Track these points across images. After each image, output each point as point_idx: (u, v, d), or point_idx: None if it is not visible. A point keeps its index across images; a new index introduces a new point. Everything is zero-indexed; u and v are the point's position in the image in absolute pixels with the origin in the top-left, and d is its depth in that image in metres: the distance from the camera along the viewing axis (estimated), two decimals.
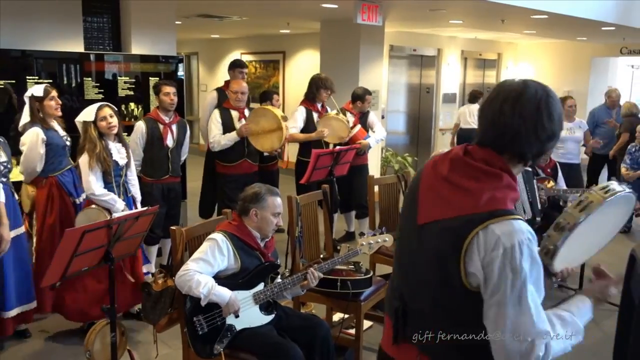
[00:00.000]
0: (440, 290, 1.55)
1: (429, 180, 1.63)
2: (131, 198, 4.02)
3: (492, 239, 1.44)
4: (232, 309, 2.73)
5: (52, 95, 3.94)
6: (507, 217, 1.46)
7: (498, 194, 1.49)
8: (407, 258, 1.67)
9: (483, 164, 1.53)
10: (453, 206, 1.52)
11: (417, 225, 1.60)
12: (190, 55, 12.81)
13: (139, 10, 5.46)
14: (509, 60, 11.84)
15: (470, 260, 1.47)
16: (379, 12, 6.14)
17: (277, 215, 2.96)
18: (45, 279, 2.56)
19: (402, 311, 1.65)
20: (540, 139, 1.51)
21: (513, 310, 1.43)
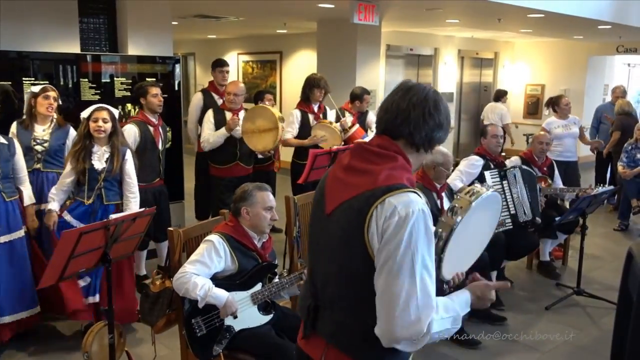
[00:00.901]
0: (348, 271, 1.62)
1: (333, 174, 1.75)
2: (112, 207, 3.82)
3: (388, 208, 1.54)
4: (229, 311, 2.73)
5: (46, 94, 3.93)
6: (404, 190, 1.57)
7: (395, 172, 1.61)
8: (317, 249, 1.76)
9: (378, 148, 1.67)
10: (354, 187, 1.63)
11: (325, 216, 1.70)
12: (187, 56, 12.80)
13: (135, 11, 5.45)
14: (506, 59, 11.86)
15: (371, 232, 1.55)
16: (375, 12, 6.14)
17: (270, 209, 2.93)
18: (42, 281, 2.56)
19: (313, 306, 1.73)
20: (428, 125, 1.65)
21: (405, 280, 1.49)
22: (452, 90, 10.68)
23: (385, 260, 1.51)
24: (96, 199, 3.76)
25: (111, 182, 3.80)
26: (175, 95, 5.64)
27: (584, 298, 4.68)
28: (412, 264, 1.50)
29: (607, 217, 7.28)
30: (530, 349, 3.90)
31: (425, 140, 1.66)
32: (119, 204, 3.87)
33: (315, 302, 1.73)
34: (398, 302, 1.49)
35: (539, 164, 5.10)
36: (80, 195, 3.75)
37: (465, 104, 11.38)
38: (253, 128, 4.95)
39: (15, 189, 3.66)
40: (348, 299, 1.64)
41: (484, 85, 11.71)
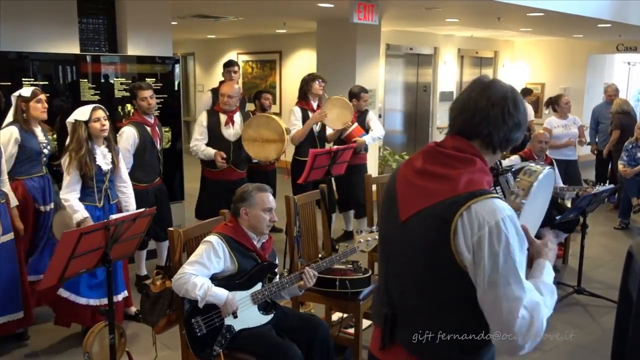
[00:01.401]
0: (431, 279, 1.57)
1: (404, 178, 1.67)
2: (114, 206, 3.87)
3: (476, 218, 1.48)
4: (230, 309, 2.73)
5: (39, 98, 3.90)
6: (487, 196, 1.51)
7: (474, 176, 1.55)
8: (394, 258, 1.68)
9: (455, 151, 1.59)
10: (432, 194, 1.56)
11: (400, 223, 1.62)
12: (187, 56, 12.80)
13: (135, 11, 5.45)
14: (506, 58, 11.86)
15: (458, 241, 1.49)
16: (375, 11, 6.14)
17: (269, 210, 2.93)
18: (42, 281, 2.56)
19: (390, 316, 1.66)
20: (508, 125, 1.58)
21: (513, 288, 1.45)
22: (452, 90, 10.68)
23: (488, 274, 1.46)
24: (105, 200, 3.78)
25: (112, 181, 3.84)
26: (174, 96, 5.64)
27: (584, 297, 4.68)
28: (515, 272, 1.46)
29: (608, 216, 7.28)
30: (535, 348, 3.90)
31: (503, 140, 1.60)
32: (118, 202, 3.91)
33: (393, 311, 1.66)
34: (513, 312, 1.45)
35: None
36: (90, 199, 3.70)
37: None
38: (255, 136, 4.88)
39: (2, 193, 3.61)
40: (431, 307, 1.59)
41: None
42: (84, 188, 3.68)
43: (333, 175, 4.86)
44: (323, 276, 3.29)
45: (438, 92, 10.34)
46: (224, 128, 4.98)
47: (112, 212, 3.77)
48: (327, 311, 3.91)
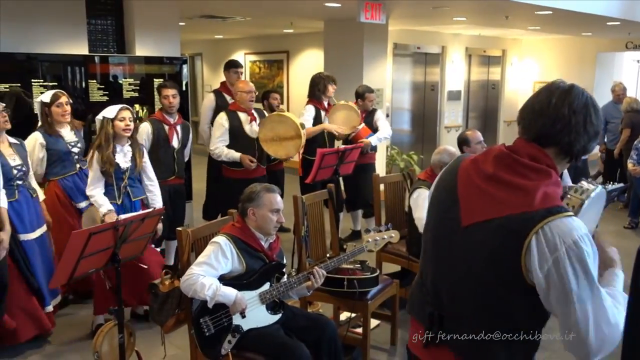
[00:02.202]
0: (491, 290, 1.54)
1: (470, 180, 1.60)
2: (138, 203, 3.96)
3: (552, 238, 1.44)
4: (238, 308, 2.73)
5: (59, 102, 3.99)
6: (563, 215, 1.46)
7: (550, 191, 1.50)
8: (448, 261, 1.63)
9: (530, 160, 1.53)
10: (505, 204, 1.50)
11: (461, 227, 1.57)
12: (195, 56, 12.83)
13: (143, 12, 5.47)
14: (514, 56, 11.81)
15: (531, 258, 1.45)
16: (382, 11, 6.13)
17: (276, 212, 2.92)
18: (52, 281, 2.58)
19: (437, 317, 1.64)
20: (589, 134, 1.53)
21: (590, 305, 1.44)
22: (460, 89, 10.65)
23: (565, 292, 1.44)
24: (125, 198, 3.85)
25: (133, 179, 3.92)
26: (183, 96, 5.66)
27: None
28: (591, 290, 1.44)
29: (617, 215, 7.23)
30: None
31: (581, 150, 1.55)
32: (143, 199, 4.01)
33: (440, 312, 1.64)
34: (590, 327, 1.44)
35: None
36: (110, 196, 3.80)
37: (473, 102, 11.33)
38: (272, 136, 4.86)
39: (33, 187, 3.76)
40: (484, 315, 1.57)
41: (492, 83, 11.66)
42: (105, 185, 3.80)
43: (341, 175, 4.86)
44: (331, 276, 3.29)
45: (446, 91, 10.31)
46: (247, 126, 4.98)
47: (134, 209, 3.87)
48: (335, 311, 3.92)
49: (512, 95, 11.85)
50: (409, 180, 4.63)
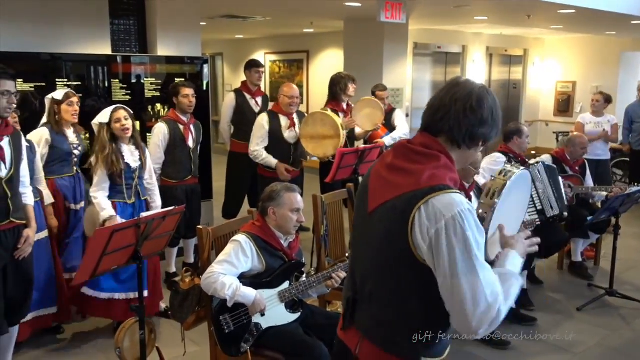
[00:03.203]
0: (388, 268, 1.64)
1: (376, 172, 1.75)
2: (144, 202, 3.98)
3: (433, 211, 1.53)
4: (258, 309, 2.75)
5: (70, 101, 3.98)
6: (447, 191, 1.56)
7: (437, 172, 1.60)
8: (360, 246, 1.78)
9: (422, 147, 1.66)
10: (396, 186, 1.63)
11: (367, 214, 1.71)
12: (215, 56, 12.91)
13: (165, 12, 5.52)
14: (536, 56, 11.67)
15: (415, 233, 1.55)
16: (402, 10, 6.11)
17: (297, 211, 2.93)
18: (76, 278, 2.62)
19: (352, 299, 1.77)
20: (469, 120, 1.62)
21: (467, 279, 1.50)
22: None
23: (444, 265, 1.52)
24: (135, 197, 3.88)
25: (141, 177, 3.93)
26: (203, 95, 5.70)
27: (616, 299, 4.59)
28: (471, 263, 1.51)
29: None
30: (561, 350, 3.84)
31: (466, 136, 1.64)
32: (147, 198, 4.02)
33: (354, 296, 1.77)
34: (467, 301, 1.50)
35: (571, 164, 5.02)
36: (119, 196, 3.81)
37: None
38: (313, 133, 4.91)
39: (37, 191, 3.69)
40: (386, 295, 1.67)
41: (513, 83, 11.54)
42: (114, 186, 3.78)
43: (360, 175, 4.86)
44: None
45: None
46: (286, 131, 5.02)
47: (142, 208, 3.88)
48: None
49: (533, 95, 11.72)
50: None
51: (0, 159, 2.98)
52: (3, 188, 3.00)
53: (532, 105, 11.64)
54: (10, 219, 3.05)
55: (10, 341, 3.28)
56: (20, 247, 3.12)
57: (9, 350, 3.31)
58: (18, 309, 3.22)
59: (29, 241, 3.16)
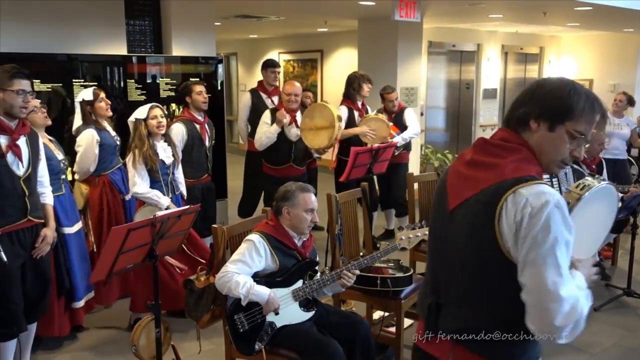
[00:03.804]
0: (476, 267, 1.58)
1: (454, 170, 1.72)
2: (179, 196, 4.10)
3: (520, 200, 1.49)
4: (271, 307, 2.75)
5: (101, 97, 4.09)
6: (535, 182, 1.51)
7: (521, 164, 1.56)
8: (441, 247, 1.72)
9: (501, 141, 1.63)
10: (478, 181, 1.59)
11: (449, 212, 1.67)
12: (229, 56, 12.96)
13: (180, 12, 5.56)
14: (552, 54, 11.56)
15: (503, 225, 1.50)
16: (417, 8, 6.09)
17: (311, 211, 2.94)
18: (93, 276, 2.64)
19: (435, 305, 1.69)
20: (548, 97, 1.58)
21: (551, 270, 1.44)
22: (496, 87, 10.48)
23: (527, 254, 1.46)
24: (172, 192, 3.99)
25: (174, 174, 4.06)
26: (218, 95, 5.73)
27: (634, 299, 4.54)
28: (555, 255, 1.45)
29: None
30: (578, 350, 3.81)
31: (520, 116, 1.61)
32: (182, 192, 4.14)
33: (437, 300, 1.69)
34: (549, 295, 1.44)
35: (588, 162, 4.96)
36: (160, 192, 3.89)
37: (509, 101, 11.10)
38: (311, 125, 4.92)
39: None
40: (475, 294, 1.60)
41: (529, 81, 11.45)
42: (154, 182, 3.87)
43: (375, 174, 4.85)
44: (364, 274, 3.29)
45: (481, 90, 10.17)
46: (287, 128, 5.04)
47: (177, 202, 3.97)
48: (368, 309, 3.91)
49: None
50: None
51: (18, 157, 3.02)
52: (21, 187, 3.03)
53: None
54: (28, 218, 3.08)
55: (28, 338, 3.32)
56: (37, 246, 3.16)
57: (27, 346, 3.35)
58: (35, 306, 3.26)
59: (46, 240, 3.19)
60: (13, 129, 3.00)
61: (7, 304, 3.04)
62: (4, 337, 3.10)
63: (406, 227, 3.30)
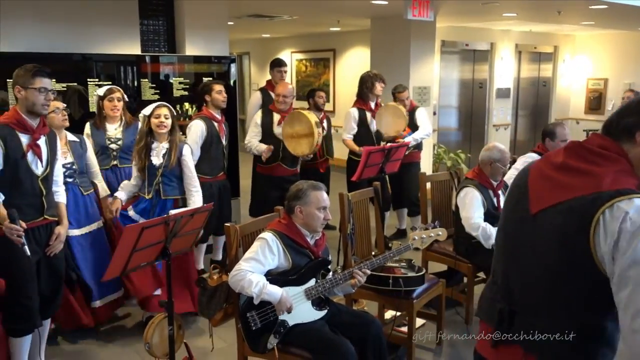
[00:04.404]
0: (561, 273, 1.53)
1: (539, 172, 1.65)
2: (169, 202, 3.92)
3: (619, 214, 1.43)
4: (283, 307, 2.76)
5: (110, 96, 4.16)
6: (635, 196, 1.45)
7: (620, 176, 1.50)
8: (519, 250, 1.65)
9: (600, 148, 1.55)
10: (572, 188, 1.52)
11: (530, 216, 1.60)
12: (242, 55, 12.99)
13: (193, 12, 5.58)
14: (566, 53, 11.47)
15: (598, 239, 1.45)
16: (430, 7, 6.06)
17: (323, 209, 2.94)
18: (107, 274, 2.67)
19: (508, 311, 1.64)
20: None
21: None
22: (509, 86, 10.42)
23: (625, 271, 1.40)
24: (154, 194, 3.91)
25: (169, 177, 3.92)
26: (231, 94, 5.74)
27: None
28: None
29: None
30: None
31: (624, 125, 1.55)
32: (177, 199, 3.98)
33: (511, 307, 1.64)
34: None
35: None
36: (142, 190, 3.95)
37: (522, 100, 11.07)
38: (292, 132, 4.94)
39: (90, 183, 3.91)
40: (557, 305, 1.55)
41: (543, 81, 11.36)
42: (142, 180, 3.93)
43: (387, 173, 4.84)
44: (376, 274, 3.29)
45: (494, 89, 10.11)
46: (277, 127, 5.09)
47: (164, 207, 3.86)
48: (380, 309, 3.91)
49: (564, 93, 11.52)
50: (457, 179, 4.58)
51: (38, 157, 3.06)
52: (39, 186, 3.08)
53: (562, 103, 11.44)
54: (44, 216, 3.13)
55: (42, 333, 3.36)
56: (51, 244, 3.19)
57: (42, 342, 3.39)
58: (50, 303, 3.30)
59: (60, 238, 3.24)
60: (35, 129, 3.05)
61: (24, 300, 3.08)
62: (20, 332, 3.15)
63: (419, 227, 3.30)
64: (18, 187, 3.01)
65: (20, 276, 3.06)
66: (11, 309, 3.12)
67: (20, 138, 3.01)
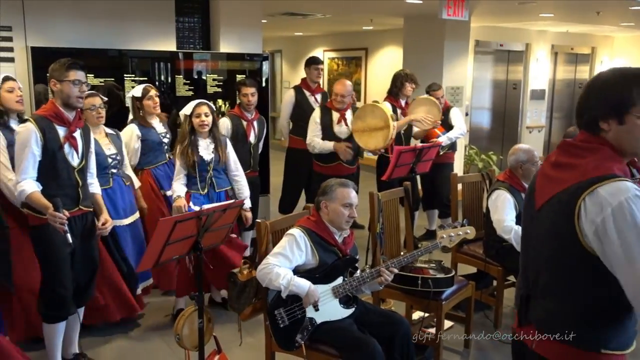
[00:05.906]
0: (558, 261, 1.68)
1: (542, 171, 1.83)
2: (223, 194, 4.08)
3: (597, 200, 1.55)
4: (311, 300, 2.77)
5: (149, 95, 4.24)
6: (614, 180, 1.56)
7: (603, 163, 1.61)
8: (530, 243, 1.83)
9: (582, 142, 1.70)
10: (561, 181, 1.67)
11: (536, 211, 1.77)
12: (274, 53, 13.06)
13: (228, 10, 5.65)
14: (604, 55, 11.22)
15: (582, 223, 1.57)
16: (465, 7, 6.00)
17: (349, 206, 2.93)
18: (140, 265, 2.72)
19: (525, 297, 1.83)
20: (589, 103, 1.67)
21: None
22: (544, 88, 10.25)
23: (617, 252, 1.51)
24: (209, 189, 4.01)
25: (219, 170, 4.06)
26: (263, 92, 5.78)
27: None
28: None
29: None
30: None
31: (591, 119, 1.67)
32: (228, 190, 4.13)
33: (527, 292, 1.82)
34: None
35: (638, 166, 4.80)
36: (194, 188, 3.98)
37: (558, 102, 10.88)
38: (364, 126, 4.90)
39: (128, 176, 4.02)
40: (558, 287, 1.70)
41: (579, 83, 11.14)
42: (190, 177, 3.97)
43: (418, 173, 4.82)
44: (405, 274, 3.28)
45: (529, 90, 9.95)
46: (336, 126, 5.08)
47: (219, 199, 4.00)
48: (408, 309, 3.90)
49: None
50: (488, 180, 4.53)
51: (74, 149, 3.15)
52: (75, 177, 3.16)
53: None
54: (79, 207, 3.21)
55: (76, 321, 3.45)
56: (99, 228, 3.33)
57: (75, 329, 3.48)
58: (84, 292, 3.38)
59: (106, 225, 3.34)
60: (71, 121, 3.13)
61: (59, 288, 3.17)
62: (54, 319, 3.24)
63: (447, 226, 3.28)
64: (55, 178, 3.09)
65: (59, 265, 3.15)
66: (47, 297, 3.21)
67: (57, 130, 3.09)
